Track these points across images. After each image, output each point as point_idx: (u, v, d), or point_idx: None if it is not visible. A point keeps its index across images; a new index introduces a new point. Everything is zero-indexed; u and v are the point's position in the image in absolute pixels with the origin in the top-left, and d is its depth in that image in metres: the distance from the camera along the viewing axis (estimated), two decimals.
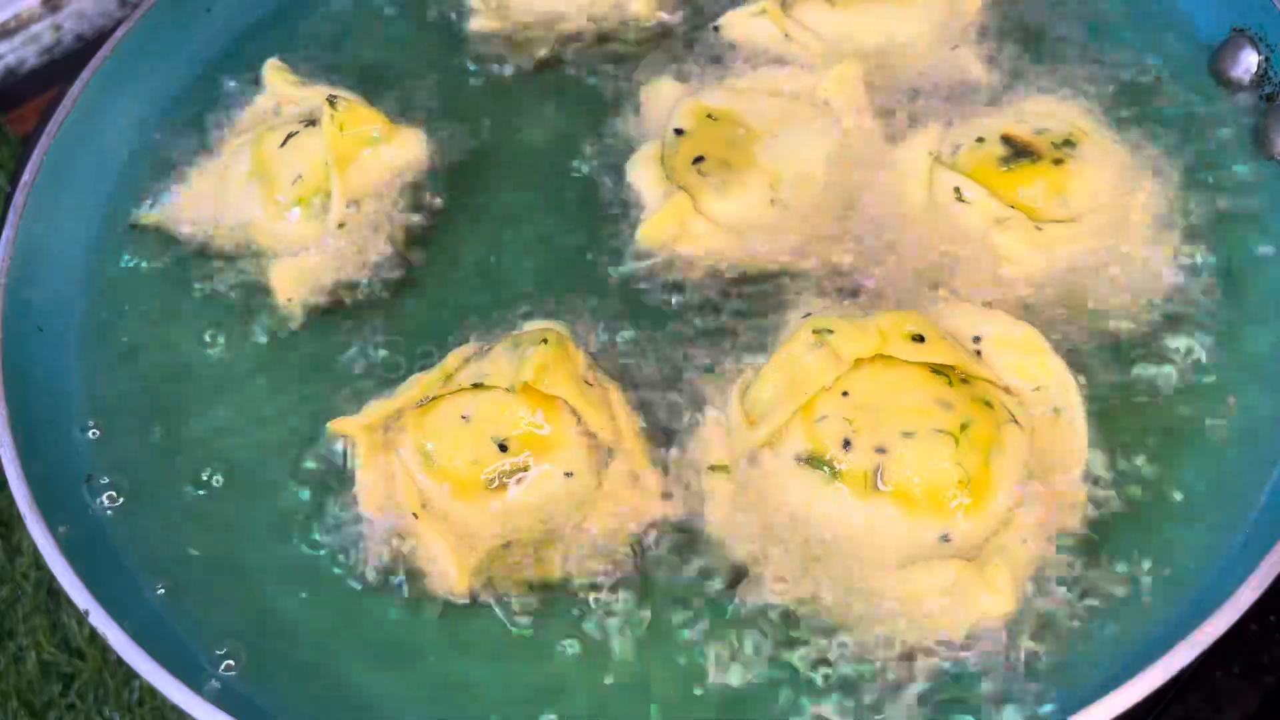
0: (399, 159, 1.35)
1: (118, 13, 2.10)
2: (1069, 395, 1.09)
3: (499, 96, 1.44)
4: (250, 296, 1.29)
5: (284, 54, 1.44)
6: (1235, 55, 1.32)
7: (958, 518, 1.02)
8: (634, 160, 1.32)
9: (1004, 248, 1.19)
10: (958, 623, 1.01)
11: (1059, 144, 1.22)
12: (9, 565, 1.85)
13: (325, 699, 1.06)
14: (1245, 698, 1.09)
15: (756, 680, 1.02)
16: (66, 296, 1.31)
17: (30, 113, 2.14)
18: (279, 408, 1.22)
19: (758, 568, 1.06)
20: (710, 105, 1.31)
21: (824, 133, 1.29)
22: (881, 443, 1.02)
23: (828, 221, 1.25)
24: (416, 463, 1.09)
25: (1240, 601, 0.95)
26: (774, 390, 1.09)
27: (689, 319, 1.21)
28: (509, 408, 1.09)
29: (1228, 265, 1.20)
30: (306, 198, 1.29)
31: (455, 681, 1.06)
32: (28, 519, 1.09)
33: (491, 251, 1.31)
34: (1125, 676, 0.92)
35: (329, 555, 1.12)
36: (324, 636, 1.09)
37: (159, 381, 1.26)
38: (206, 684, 1.04)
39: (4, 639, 1.78)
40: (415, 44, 1.51)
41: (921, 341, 1.07)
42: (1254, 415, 1.12)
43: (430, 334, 1.24)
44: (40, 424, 1.18)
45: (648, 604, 1.06)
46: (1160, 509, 1.07)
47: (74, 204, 1.35)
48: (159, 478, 1.19)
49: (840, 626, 1.03)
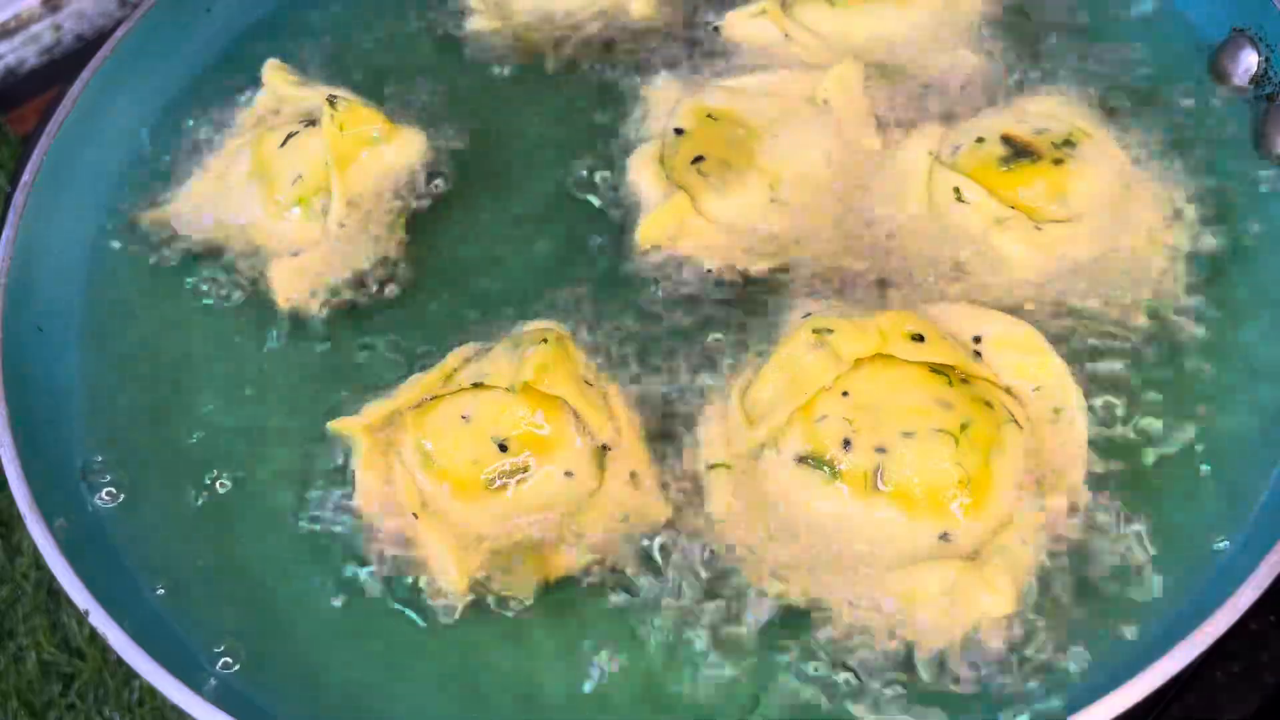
0: (399, 159, 1.35)
1: (118, 13, 2.10)
2: (1069, 395, 1.09)
3: (499, 96, 1.44)
4: (250, 296, 1.29)
5: (284, 54, 1.44)
6: (1235, 55, 1.32)
7: (958, 517, 1.02)
8: (633, 160, 1.32)
9: (1003, 248, 1.19)
10: (958, 623, 1.01)
11: (1059, 144, 1.22)
12: (9, 565, 1.85)
13: (324, 698, 1.06)
14: (1245, 698, 1.09)
15: (756, 679, 1.02)
16: (66, 296, 1.31)
17: (30, 113, 2.14)
18: (279, 408, 1.22)
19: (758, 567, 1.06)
20: (710, 105, 1.31)
21: (824, 133, 1.29)
22: (881, 442, 1.02)
23: (827, 221, 1.25)
24: (416, 463, 1.09)
25: (1240, 601, 0.95)
26: (774, 390, 1.09)
27: (689, 318, 1.21)
28: (509, 408, 1.09)
29: (1227, 265, 1.20)
30: (306, 198, 1.29)
31: (454, 681, 1.06)
32: (28, 519, 1.09)
33: (492, 251, 1.31)
34: (1125, 676, 0.92)
35: (329, 555, 1.12)
36: (323, 636, 1.09)
37: (159, 381, 1.26)
38: (205, 683, 1.04)
39: (4, 639, 1.78)
40: (415, 44, 1.51)
41: (921, 341, 1.07)
42: (1255, 413, 1.12)
43: (430, 334, 1.24)
44: (40, 424, 1.18)
45: (647, 603, 1.06)
46: (1160, 509, 1.07)
47: (74, 204, 1.35)
48: (159, 477, 1.19)
49: (840, 626, 1.02)
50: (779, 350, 1.12)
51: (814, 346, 1.08)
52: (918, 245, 1.22)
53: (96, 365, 1.27)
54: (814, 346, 1.08)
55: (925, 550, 1.02)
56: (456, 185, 1.36)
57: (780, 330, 1.17)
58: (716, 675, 1.03)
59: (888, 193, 1.26)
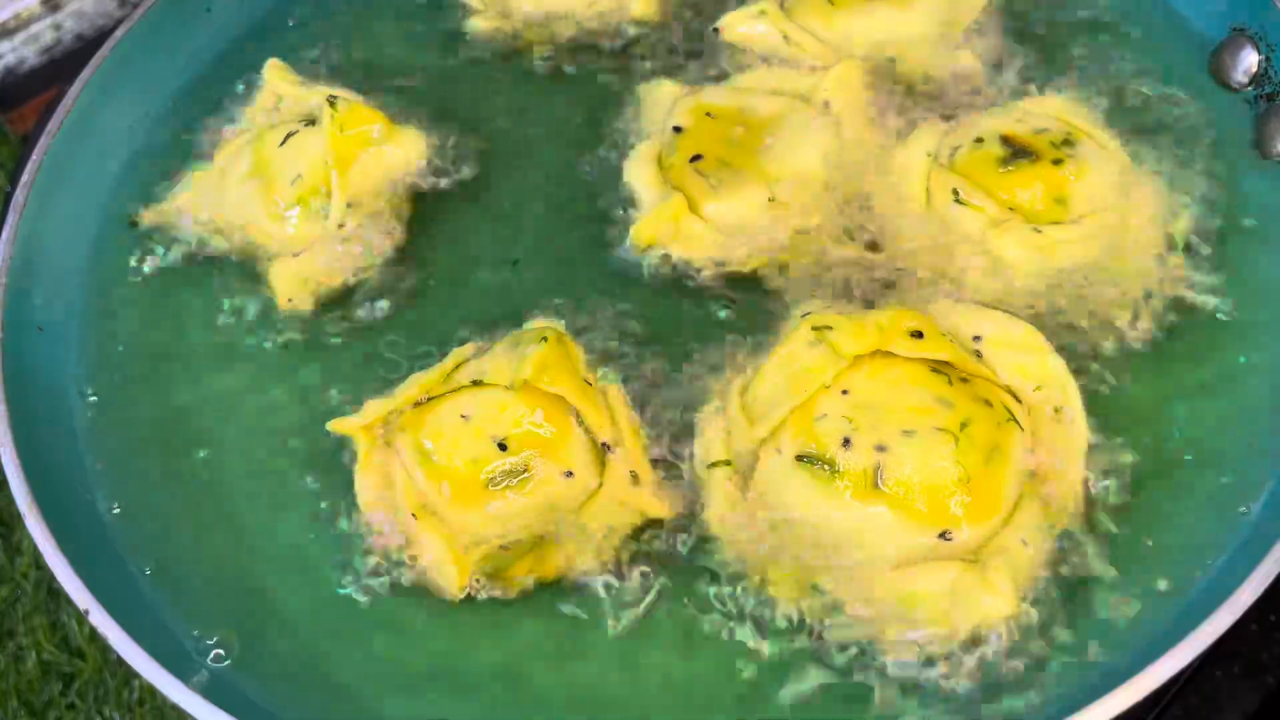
0: (399, 159, 1.35)
1: (118, 13, 2.10)
2: (1069, 395, 1.09)
3: (499, 96, 1.44)
4: (250, 296, 1.29)
5: (284, 54, 1.44)
6: (1235, 55, 1.32)
7: (957, 516, 1.02)
8: (630, 159, 1.32)
9: (1001, 251, 1.18)
10: (958, 624, 1.01)
11: (1058, 144, 1.22)
12: (9, 565, 1.85)
13: (318, 694, 1.06)
14: (1245, 698, 1.09)
15: (755, 679, 1.02)
16: (66, 296, 1.31)
17: (30, 113, 2.15)
18: (278, 407, 1.22)
19: (757, 566, 1.06)
20: (709, 103, 1.31)
21: (823, 133, 1.29)
22: (881, 441, 1.02)
23: (826, 221, 1.25)
24: (415, 462, 1.09)
25: (1240, 601, 0.95)
26: (774, 387, 1.09)
27: (688, 317, 1.22)
28: (509, 407, 1.09)
29: (1227, 265, 1.20)
30: (306, 198, 1.29)
31: (452, 679, 1.06)
32: (27, 518, 1.09)
33: (491, 251, 1.31)
34: (1125, 676, 0.92)
35: (329, 555, 1.12)
36: (320, 633, 1.09)
37: (158, 381, 1.26)
38: (201, 678, 1.04)
39: (4, 639, 1.79)
40: (415, 44, 1.51)
41: (920, 338, 1.07)
42: (1253, 415, 1.12)
43: (430, 334, 1.24)
44: (40, 424, 1.18)
45: (647, 602, 1.06)
46: (1160, 508, 1.07)
47: (74, 204, 1.35)
48: (158, 477, 1.19)
49: (839, 625, 1.03)
50: (778, 348, 1.12)
51: (813, 344, 1.08)
52: (916, 246, 1.22)
53: (96, 365, 1.27)
54: (813, 344, 1.08)
55: (925, 549, 1.02)
56: (456, 185, 1.36)
57: (779, 329, 1.17)
58: (717, 675, 1.03)
59: (887, 193, 1.26)
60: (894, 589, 1.02)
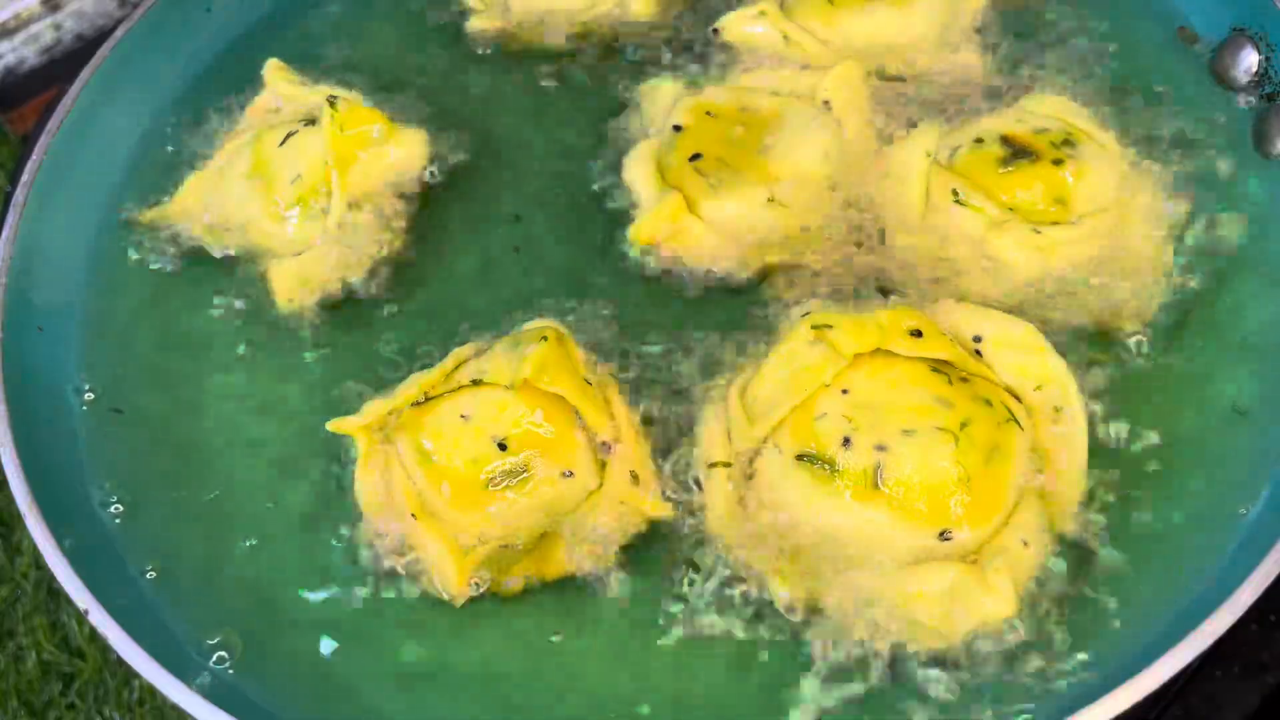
0: (399, 159, 1.35)
1: (118, 13, 2.10)
2: (1069, 395, 1.09)
3: (499, 96, 1.44)
4: (250, 296, 1.29)
5: (284, 54, 1.44)
6: (1235, 55, 1.32)
7: (958, 516, 1.02)
8: (629, 159, 1.32)
9: (1001, 252, 1.18)
10: (958, 625, 1.01)
11: (1058, 144, 1.22)
12: (9, 565, 1.85)
13: (320, 694, 1.06)
14: (1245, 698, 1.09)
15: (755, 678, 1.02)
16: (67, 296, 1.31)
17: (30, 113, 2.15)
18: (278, 407, 1.22)
19: (757, 565, 1.06)
20: (710, 103, 1.31)
21: (823, 133, 1.29)
22: (881, 441, 1.02)
23: (826, 221, 1.25)
24: (415, 462, 1.09)
25: (1240, 601, 0.95)
26: (774, 386, 1.09)
27: (688, 316, 1.22)
28: (508, 407, 1.08)
29: (1227, 265, 1.20)
30: (306, 197, 1.29)
31: (452, 679, 1.06)
32: (28, 518, 1.09)
33: (491, 251, 1.31)
34: (1125, 676, 0.92)
35: (329, 555, 1.12)
36: (320, 633, 1.09)
37: (159, 380, 1.26)
38: (201, 679, 1.04)
39: (4, 639, 1.79)
40: (415, 44, 1.51)
41: (920, 337, 1.07)
42: (1254, 414, 1.12)
43: (430, 334, 1.24)
44: (40, 424, 1.19)
45: (647, 602, 1.06)
46: (1160, 509, 1.07)
47: (74, 203, 1.35)
48: (158, 476, 1.19)
49: (839, 625, 1.03)
50: (779, 347, 1.12)
51: (813, 342, 1.08)
52: (916, 246, 1.22)
53: (96, 365, 1.27)
54: (813, 342, 1.08)
55: (925, 549, 1.02)
56: (456, 185, 1.36)
57: (779, 329, 1.17)
58: (716, 674, 1.03)
59: (886, 193, 1.26)
60: (894, 589, 1.02)
